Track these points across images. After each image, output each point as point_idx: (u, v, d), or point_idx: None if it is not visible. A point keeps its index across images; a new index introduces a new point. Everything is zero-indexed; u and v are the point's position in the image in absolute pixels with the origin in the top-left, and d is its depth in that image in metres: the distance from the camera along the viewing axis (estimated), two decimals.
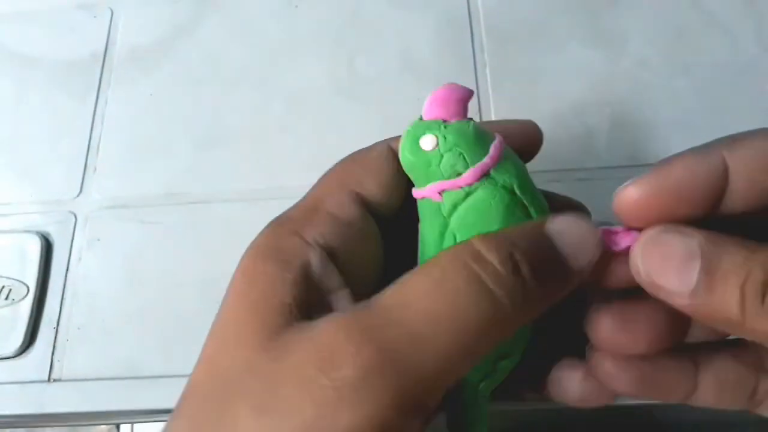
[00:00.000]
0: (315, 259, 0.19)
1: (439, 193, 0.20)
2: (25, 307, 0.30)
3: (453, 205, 0.20)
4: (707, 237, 0.16)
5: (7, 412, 0.28)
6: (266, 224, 0.21)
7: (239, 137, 0.34)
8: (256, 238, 0.21)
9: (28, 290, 0.30)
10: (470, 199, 0.20)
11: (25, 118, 0.35)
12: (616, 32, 0.35)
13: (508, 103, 0.33)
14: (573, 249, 0.18)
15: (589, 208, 0.30)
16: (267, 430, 0.16)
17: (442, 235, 0.20)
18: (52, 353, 0.29)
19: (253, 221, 0.31)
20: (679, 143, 0.31)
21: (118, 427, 0.31)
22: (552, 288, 0.18)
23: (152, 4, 0.38)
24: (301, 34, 0.36)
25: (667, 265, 0.16)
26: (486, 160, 0.20)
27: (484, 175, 0.20)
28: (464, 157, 0.20)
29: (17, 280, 0.30)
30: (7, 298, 0.30)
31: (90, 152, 0.34)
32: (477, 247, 0.17)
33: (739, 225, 0.17)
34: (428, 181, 0.20)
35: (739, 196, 0.17)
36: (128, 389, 0.28)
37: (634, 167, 0.31)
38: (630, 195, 0.18)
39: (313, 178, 0.32)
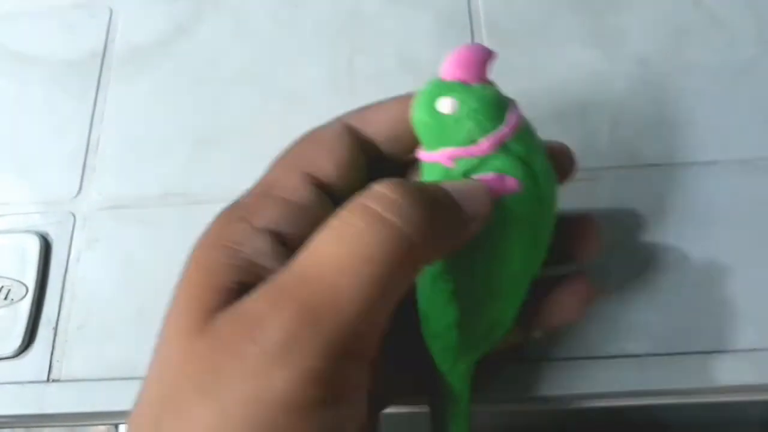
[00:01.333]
0: (263, 244, 0.19)
1: (452, 159, 0.19)
2: (24, 307, 0.30)
3: (465, 173, 0.19)
4: None
5: (5, 412, 0.28)
6: (220, 211, 0.21)
7: (239, 137, 0.34)
8: (207, 227, 0.21)
9: (27, 290, 0.30)
10: (484, 169, 0.19)
11: (24, 117, 0.35)
12: (616, 32, 0.34)
13: None
14: (466, 198, 0.18)
15: (589, 208, 0.30)
16: (215, 412, 0.16)
17: None
18: (51, 353, 0.29)
19: None
20: (679, 143, 0.31)
21: (116, 427, 0.30)
22: (450, 226, 0.18)
23: (151, 3, 0.38)
24: (301, 33, 0.36)
25: None
26: (504, 129, 0.19)
27: (501, 144, 0.19)
28: (483, 125, 0.19)
29: (16, 281, 0.30)
30: (6, 299, 0.30)
31: (89, 152, 0.34)
32: (374, 187, 0.18)
33: None
34: (441, 145, 0.20)
35: None
36: (127, 389, 0.28)
37: (634, 167, 0.31)
38: None
39: None
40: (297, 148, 0.22)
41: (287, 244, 0.19)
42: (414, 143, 0.22)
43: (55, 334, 0.29)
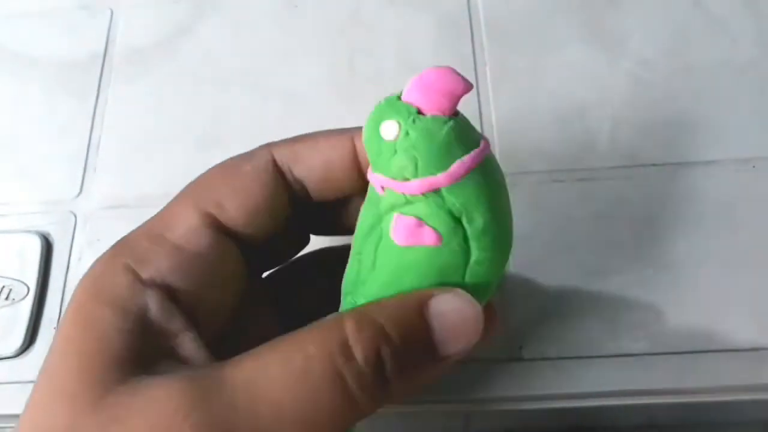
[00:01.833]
0: (152, 303, 0.17)
1: (382, 188, 0.18)
2: (26, 307, 0.30)
3: (391, 207, 0.18)
4: None
5: (7, 411, 0.28)
6: (109, 246, 0.19)
7: (239, 137, 0.34)
8: (92, 266, 0.19)
9: (29, 290, 0.30)
10: (408, 209, 0.17)
11: (25, 118, 0.35)
12: (616, 32, 0.35)
13: (508, 103, 0.33)
14: (448, 335, 0.17)
15: (589, 208, 0.30)
16: None
17: (372, 228, 0.18)
18: None
19: None
20: (679, 143, 0.31)
21: None
22: (416, 380, 0.17)
23: (152, 4, 0.38)
24: (301, 34, 0.36)
25: None
26: (439, 176, 0.17)
27: (433, 190, 0.17)
28: (417, 164, 0.17)
29: (17, 280, 0.30)
30: (7, 298, 0.30)
31: (90, 152, 0.34)
32: (347, 334, 0.16)
33: None
34: (376, 170, 0.18)
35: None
36: None
37: (634, 167, 0.31)
38: None
39: None
40: (205, 181, 0.20)
41: (178, 299, 0.18)
42: (348, 187, 0.20)
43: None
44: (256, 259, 0.20)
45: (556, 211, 0.30)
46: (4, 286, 0.30)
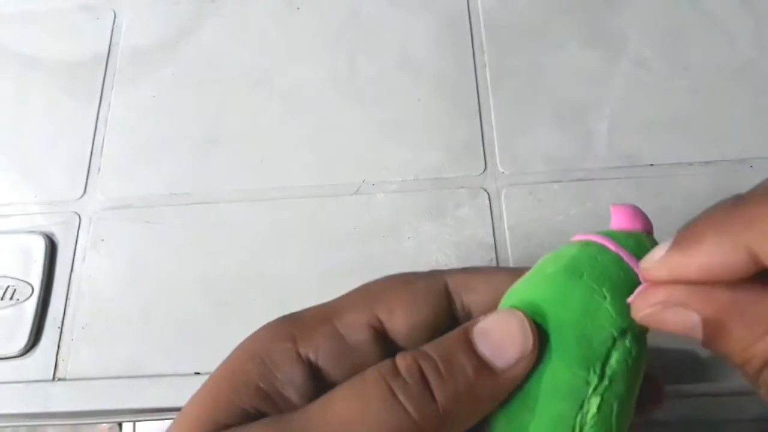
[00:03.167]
0: (298, 375, 0.19)
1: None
2: (30, 306, 0.30)
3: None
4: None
5: (12, 410, 0.28)
6: (280, 317, 0.21)
7: (241, 137, 0.34)
8: (263, 327, 0.21)
9: (33, 290, 0.30)
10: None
11: (29, 119, 0.36)
12: (616, 32, 0.35)
13: (508, 103, 0.33)
14: (494, 347, 0.18)
15: (589, 208, 0.30)
16: None
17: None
18: (57, 352, 0.29)
19: (254, 221, 0.32)
20: (678, 143, 0.32)
21: (120, 425, 0.31)
22: (474, 394, 0.17)
23: (154, 6, 0.38)
24: (302, 35, 0.37)
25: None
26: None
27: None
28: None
29: (22, 280, 0.30)
30: (11, 298, 0.30)
31: (93, 153, 0.34)
32: (396, 361, 0.18)
33: None
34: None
35: None
36: (131, 388, 0.28)
37: (634, 167, 0.31)
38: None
39: (313, 178, 0.33)
40: (383, 287, 0.21)
41: (322, 379, 0.19)
42: None
43: (60, 334, 0.30)
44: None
45: (555, 210, 0.30)
46: (8, 286, 0.30)
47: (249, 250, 0.31)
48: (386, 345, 0.20)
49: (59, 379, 0.29)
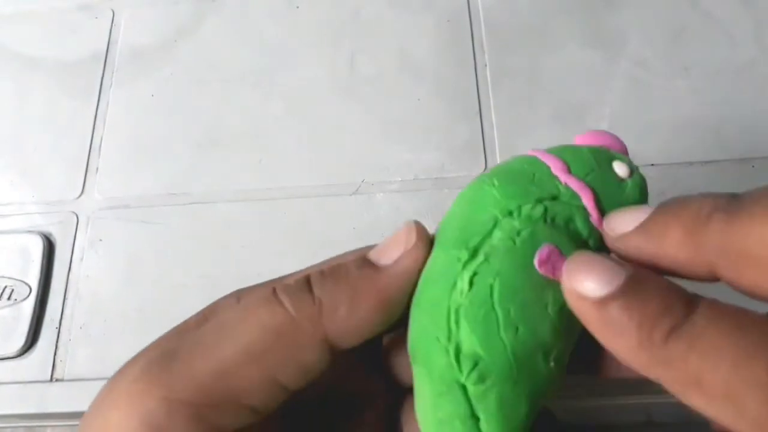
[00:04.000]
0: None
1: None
2: (28, 307, 0.30)
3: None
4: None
5: (9, 411, 0.28)
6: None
7: (240, 137, 0.34)
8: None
9: (31, 290, 0.30)
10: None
11: (27, 118, 0.35)
12: (616, 32, 0.35)
13: (508, 103, 0.33)
14: (382, 250, 0.18)
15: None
16: None
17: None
18: (55, 353, 0.29)
19: (253, 221, 0.32)
20: (678, 143, 0.31)
21: None
22: (356, 288, 0.17)
23: (153, 5, 0.38)
24: (302, 34, 0.37)
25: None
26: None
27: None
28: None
29: (19, 280, 0.30)
30: (9, 298, 0.30)
31: (92, 153, 0.34)
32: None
33: None
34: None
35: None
36: None
37: None
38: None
39: (313, 179, 0.33)
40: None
41: None
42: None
43: (58, 334, 0.30)
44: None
45: None
46: (6, 286, 0.30)
47: (248, 250, 0.31)
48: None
49: (57, 380, 0.29)
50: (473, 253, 0.16)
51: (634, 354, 0.14)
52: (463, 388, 0.16)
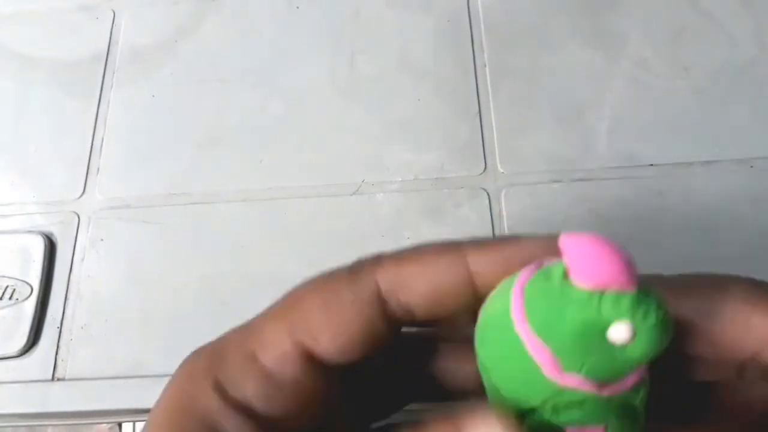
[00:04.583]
0: (237, 427, 0.17)
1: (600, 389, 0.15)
2: (29, 306, 0.30)
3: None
4: None
5: (10, 410, 0.28)
6: (195, 351, 0.19)
7: (240, 137, 0.34)
8: (181, 373, 0.18)
9: (32, 290, 0.30)
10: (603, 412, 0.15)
11: (28, 119, 0.35)
12: (616, 32, 0.35)
13: (508, 103, 0.33)
14: None
15: (588, 208, 0.30)
16: None
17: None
18: (56, 353, 0.29)
19: (254, 221, 0.32)
20: (678, 143, 0.32)
21: (120, 425, 0.31)
22: None
23: (154, 6, 0.38)
24: (302, 34, 0.37)
25: None
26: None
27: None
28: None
29: (21, 280, 0.30)
30: (10, 298, 0.30)
31: (93, 153, 0.34)
32: None
33: None
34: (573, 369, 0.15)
35: None
36: (131, 388, 0.28)
37: (634, 167, 0.31)
38: None
39: (312, 178, 0.33)
40: (302, 306, 0.18)
41: (258, 420, 0.17)
42: (461, 309, 0.18)
43: (59, 334, 0.30)
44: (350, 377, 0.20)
45: (554, 210, 0.30)
46: (7, 286, 0.30)
47: (248, 250, 0.31)
48: (317, 368, 0.18)
49: (58, 379, 0.29)
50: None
51: None
52: None
